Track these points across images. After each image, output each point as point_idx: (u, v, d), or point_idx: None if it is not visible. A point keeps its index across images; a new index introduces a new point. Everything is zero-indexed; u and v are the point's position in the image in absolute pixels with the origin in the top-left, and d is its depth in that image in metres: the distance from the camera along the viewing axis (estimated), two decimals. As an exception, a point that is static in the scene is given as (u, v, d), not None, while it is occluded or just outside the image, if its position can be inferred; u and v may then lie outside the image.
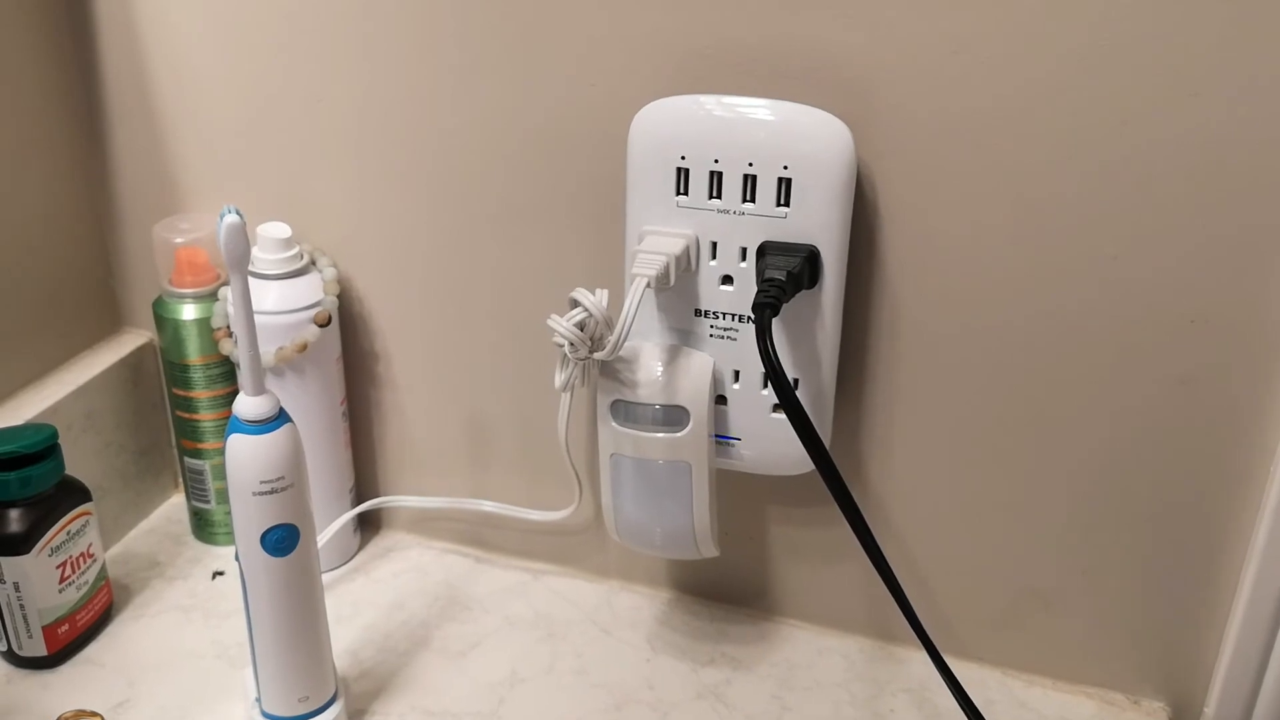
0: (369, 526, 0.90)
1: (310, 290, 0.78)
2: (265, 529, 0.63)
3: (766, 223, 0.66)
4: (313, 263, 0.79)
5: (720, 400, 0.71)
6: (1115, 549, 0.72)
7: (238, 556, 0.65)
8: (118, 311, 0.89)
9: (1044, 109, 0.63)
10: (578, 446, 0.81)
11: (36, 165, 0.80)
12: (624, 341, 0.65)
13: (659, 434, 0.69)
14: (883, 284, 0.70)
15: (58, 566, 0.74)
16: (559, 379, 0.68)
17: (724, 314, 0.69)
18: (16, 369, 0.82)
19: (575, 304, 0.65)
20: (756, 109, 0.65)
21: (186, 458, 0.85)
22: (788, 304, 0.65)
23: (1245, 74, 0.59)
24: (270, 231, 0.76)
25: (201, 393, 0.82)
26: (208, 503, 0.86)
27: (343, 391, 0.83)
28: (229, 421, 0.63)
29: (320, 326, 0.77)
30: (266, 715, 0.69)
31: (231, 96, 0.79)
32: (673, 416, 0.69)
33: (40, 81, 0.79)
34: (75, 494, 0.75)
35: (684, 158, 0.66)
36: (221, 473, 0.83)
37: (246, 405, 0.62)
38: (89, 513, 0.76)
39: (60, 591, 0.74)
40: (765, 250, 0.66)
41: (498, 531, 0.87)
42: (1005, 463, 0.72)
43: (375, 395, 0.85)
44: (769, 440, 0.71)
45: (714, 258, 0.68)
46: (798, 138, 0.65)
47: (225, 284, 0.81)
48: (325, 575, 0.80)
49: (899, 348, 0.71)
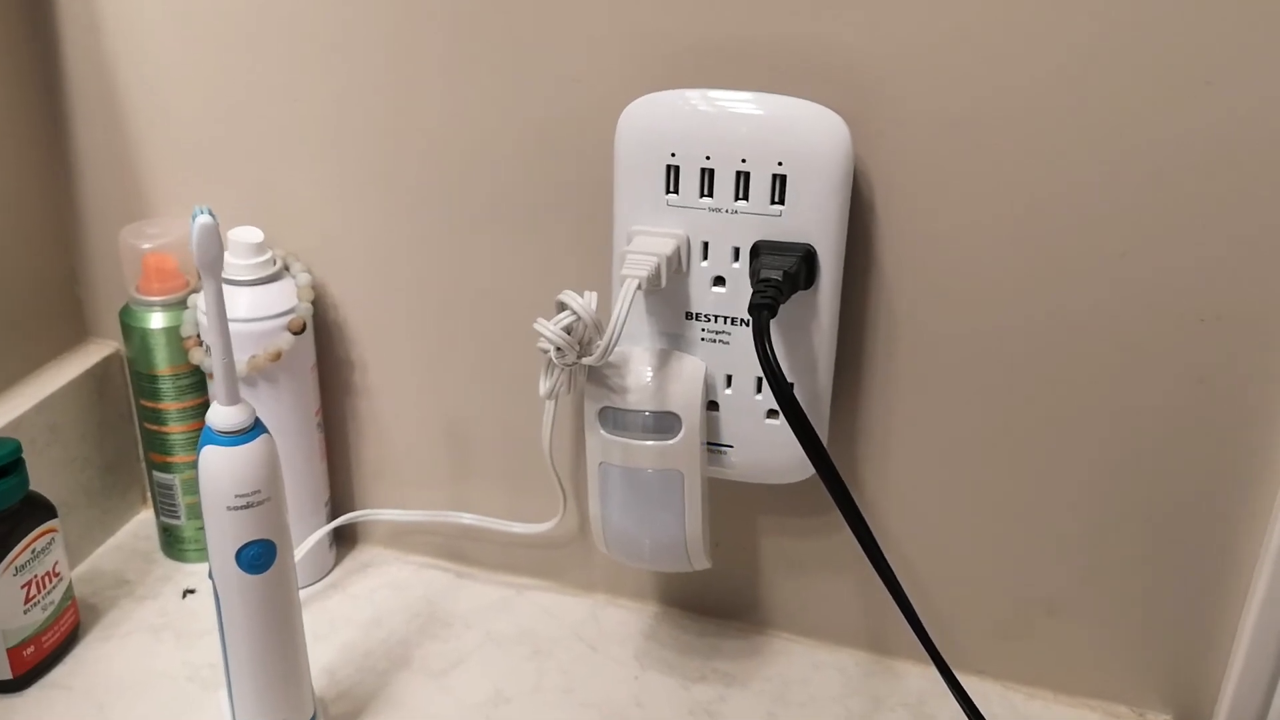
0: (345, 541, 0.89)
1: (284, 296, 0.77)
2: (241, 545, 0.62)
3: (760, 221, 0.65)
4: (286, 268, 0.78)
5: (712, 406, 0.70)
6: (1121, 554, 0.71)
7: (211, 574, 0.64)
8: (82, 320, 0.88)
9: (1050, 100, 0.62)
10: (562, 456, 0.80)
11: (-4, 168, 0.79)
12: (615, 346, 0.64)
13: (649, 442, 0.68)
14: (881, 284, 0.69)
15: (22, 586, 0.73)
16: (544, 386, 0.67)
17: (716, 317, 0.68)
18: (-24, 381, 0.80)
19: (563, 307, 0.64)
20: (749, 103, 0.64)
21: (155, 472, 0.84)
22: (783, 305, 0.64)
23: (1262, 60, 0.58)
24: (242, 236, 0.75)
25: (171, 404, 0.81)
26: (178, 518, 0.85)
27: (318, 401, 0.82)
28: (202, 433, 0.62)
29: (294, 334, 0.76)
30: (242, 740, 0.68)
31: (200, 94, 0.78)
32: (663, 423, 0.68)
33: None
34: (40, 510, 0.74)
35: (674, 154, 0.65)
36: (192, 487, 0.82)
37: (220, 416, 0.61)
38: (54, 530, 0.75)
39: (25, 612, 0.73)
40: (760, 250, 0.65)
41: (479, 545, 0.86)
42: (1008, 469, 0.71)
43: (351, 404, 0.84)
44: (762, 447, 0.70)
45: (705, 258, 0.67)
46: (792, 133, 0.64)
47: (195, 291, 0.80)
48: (300, 592, 0.79)
49: (898, 350, 0.70)
